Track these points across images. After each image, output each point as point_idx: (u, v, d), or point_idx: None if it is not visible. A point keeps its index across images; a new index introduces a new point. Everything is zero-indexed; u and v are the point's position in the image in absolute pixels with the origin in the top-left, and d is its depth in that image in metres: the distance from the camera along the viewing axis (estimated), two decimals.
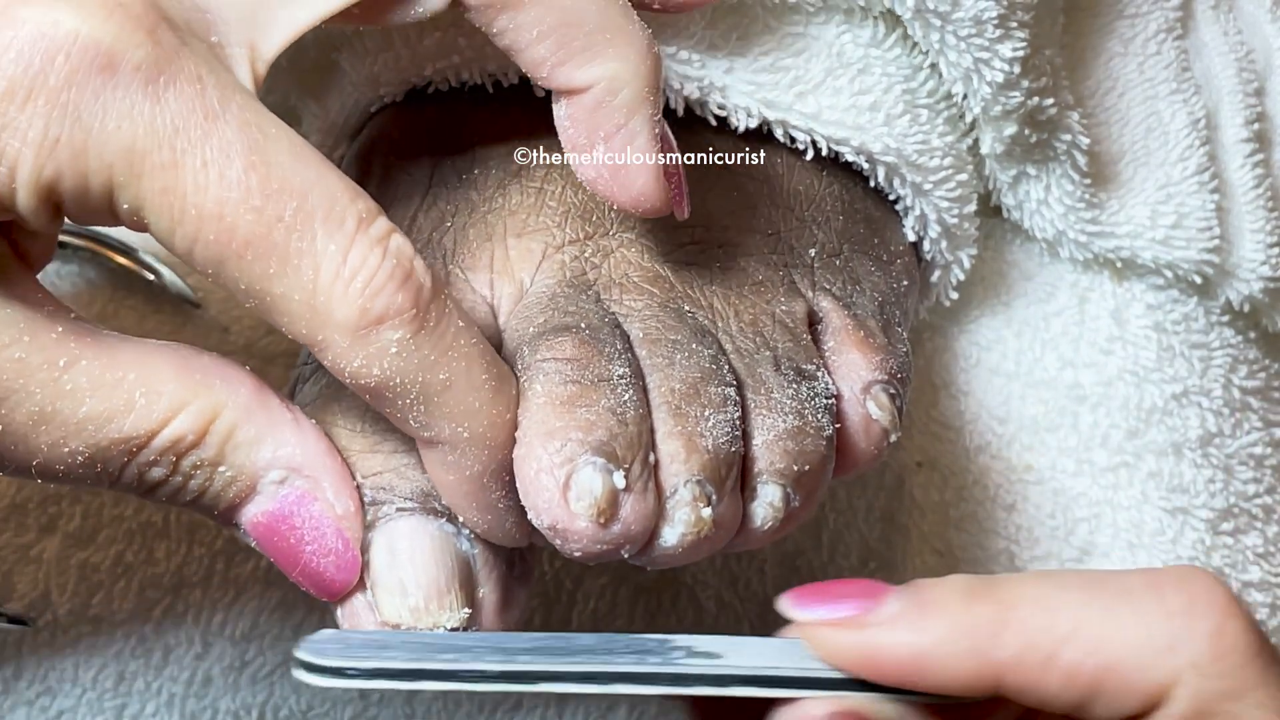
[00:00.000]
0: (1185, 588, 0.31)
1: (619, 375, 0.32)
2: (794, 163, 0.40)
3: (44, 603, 0.42)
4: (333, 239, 0.28)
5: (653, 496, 0.31)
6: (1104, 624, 0.30)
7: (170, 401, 0.30)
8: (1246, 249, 0.47)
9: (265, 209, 0.28)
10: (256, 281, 0.28)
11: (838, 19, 0.40)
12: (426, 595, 0.32)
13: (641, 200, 0.33)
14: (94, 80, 0.27)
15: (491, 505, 0.32)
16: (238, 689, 0.43)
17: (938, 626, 0.31)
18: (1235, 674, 0.30)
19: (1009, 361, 0.46)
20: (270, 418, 0.32)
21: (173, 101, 0.28)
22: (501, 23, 0.32)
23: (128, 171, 0.28)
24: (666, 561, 0.32)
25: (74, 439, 0.30)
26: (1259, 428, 0.47)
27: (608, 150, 0.32)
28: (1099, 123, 0.47)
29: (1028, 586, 0.31)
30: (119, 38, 0.27)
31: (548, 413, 0.31)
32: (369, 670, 0.31)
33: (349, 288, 0.28)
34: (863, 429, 0.35)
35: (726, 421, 0.32)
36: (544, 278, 0.35)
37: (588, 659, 0.31)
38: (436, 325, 0.29)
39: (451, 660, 0.31)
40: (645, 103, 0.32)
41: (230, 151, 0.28)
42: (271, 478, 0.32)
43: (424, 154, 0.39)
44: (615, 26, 0.32)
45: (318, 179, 0.29)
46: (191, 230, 0.28)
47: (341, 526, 0.32)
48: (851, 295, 0.38)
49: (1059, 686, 0.30)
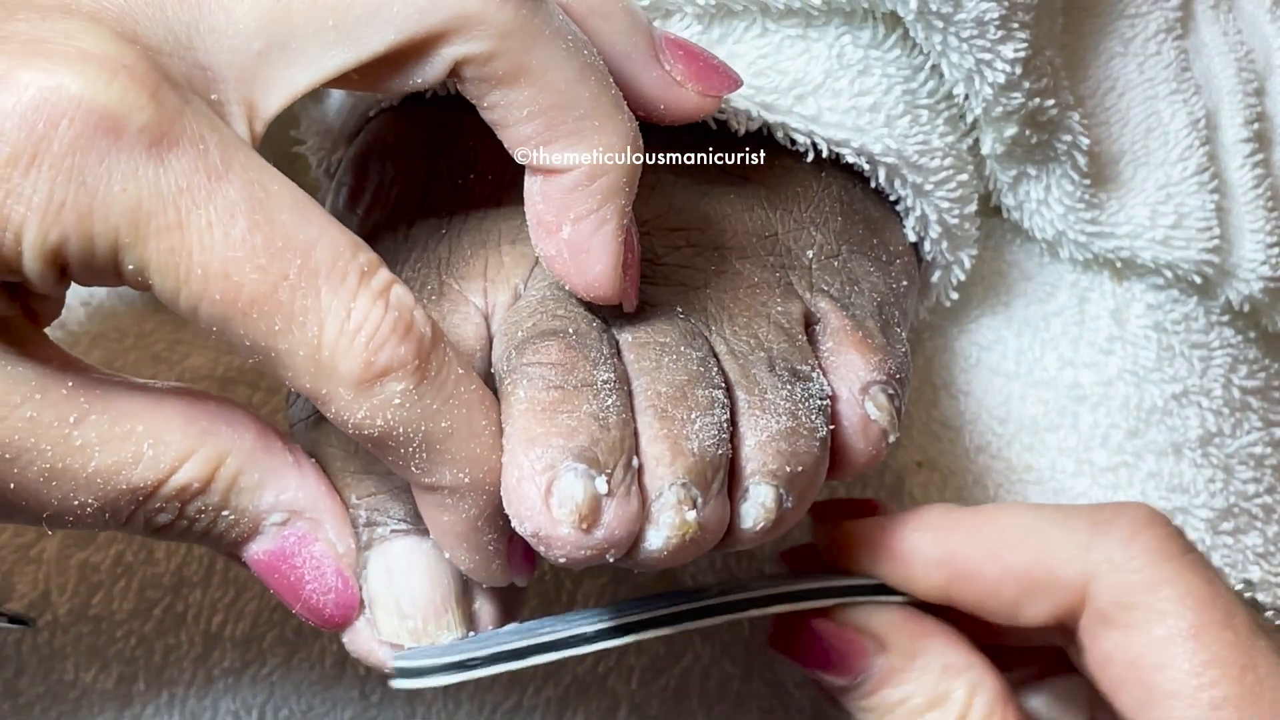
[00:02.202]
0: (1119, 510, 0.35)
1: (603, 380, 0.32)
2: (793, 164, 0.40)
3: (44, 603, 0.42)
4: (336, 294, 0.29)
5: (636, 501, 0.31)
6: (1041, 532, 0.35)
7: (177, 451, 0.31)
8: (1246, 249, 0.47)
9: (270, 267, 0.28)
10: (261, 339, 0.29)
11: (837, 21, 0.40)
12: (424, 615, 0.33)
13: (595, 287, 0.33)
14: (99, 144, 0.27)
15: (482, 547, 0.32)
16: (238, 689, 0.44)
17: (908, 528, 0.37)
18: (1148, 570, 0.34)
19: (1009, 361, 0.46)
20: (273, 462, 0.32)
21: (176, 163, 0.28)
22: (493, 98, 0.32)
23: (133, 233, 0.28)
24: (653, 565, 0.32)
25: (84, 492, 0.30)
26: (1259, 428, 0.47)
27: (574, 232, 0.33)
28: (1099, 123, 0.47)
29: (989, 510, 0.37)
30: (123, 101, 0.27)
31: (530, 419, 0.31)
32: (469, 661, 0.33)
33: (353, 342, 0.29)
34: (861, 430, 0.35)
35: (713, 424, 0.32)
36: (537, 283, 0.35)
37: (654, 606, 0.35)
38: (438, 374, 0.30)
39: (549, 632, 0.33)
40: (621, 193, 0.32)
41: (235, 211, 0.28)
42: (274, 520, 0.33)
43: (421, 159, 0.39)
44: (605, 114, 0.32)
45: (320, 234, 0.29)
46: (197, 290, 0.28)
47: (341, 565, 0.33)
48: (850, 296, 0.38)
49: (993, 582, 0.35)
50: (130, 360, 0.44)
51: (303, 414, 0.35)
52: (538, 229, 0.33)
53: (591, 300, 0.33)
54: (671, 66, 0.35)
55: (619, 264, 0.33)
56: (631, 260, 0.34)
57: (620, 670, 0.44)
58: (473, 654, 0.33)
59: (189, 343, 0.45)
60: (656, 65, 0.35)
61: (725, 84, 0.35)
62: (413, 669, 0.33)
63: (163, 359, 0.44)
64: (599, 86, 0.32)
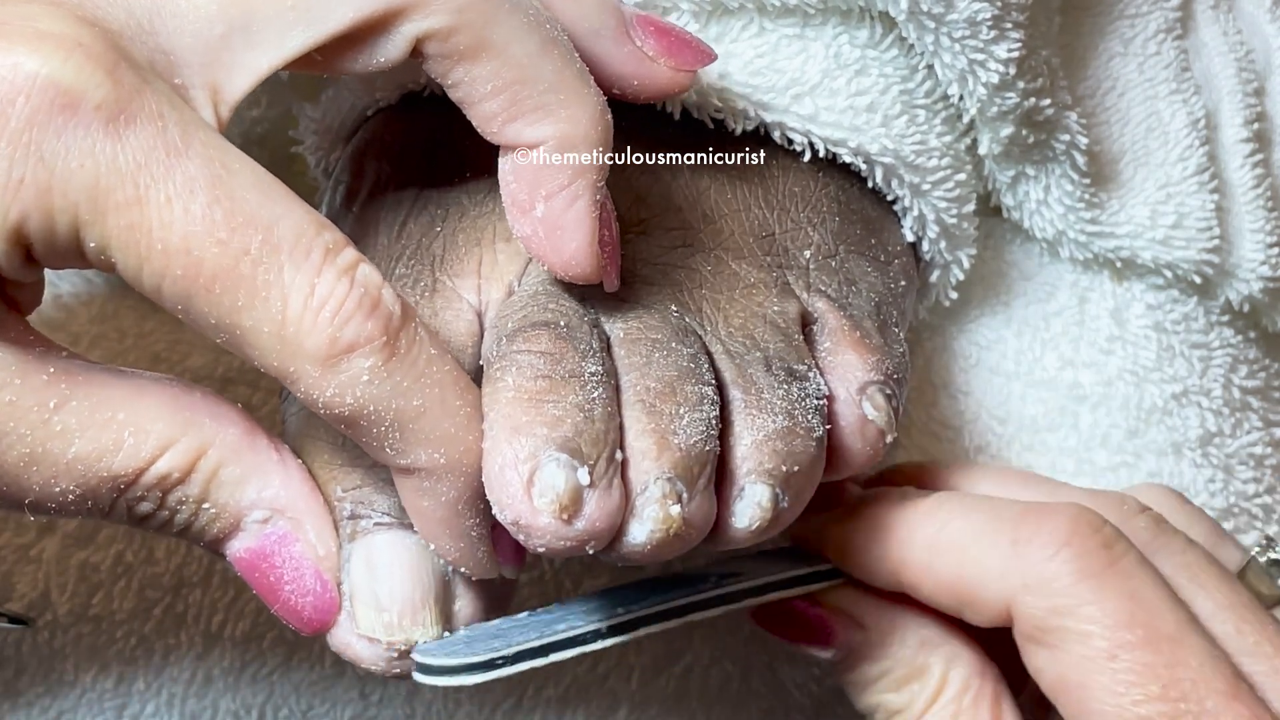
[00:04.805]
0: (1042, 520, 0.34)
1: (591, 372, 0.32)
2: (790, 164, 0.40)
3: (44, 603, 0.42)
4: (300, 270, 0.29)
5: (618, 493, 0.31)
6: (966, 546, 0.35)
7: (158, 439, 0.31)
8: (1246, 249, 0.47)
9: (231, 242, 0.28)
10: (226, 315, 0.29)
11: (834, 20, 0.40)
12: (400, 611, 0.33)
13: (572, 264, 0.33)
14: (55, 120, 0.28)
15: (465, 533, 0.32)
16: (238, 689, 0.44)
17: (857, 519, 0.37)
18: (1065, 593, 0.33)
19: (1009, 361, 0.46)
20: (256, 458, 0.32)
21: (134, 139, 0.28)
22: (457, 75, 0.32)
23: (92, 209, 0.28)
24: (637, 559, 0.32)
25: (64, 478, 0.31)
26: (1259, 428, 0.47)
27: (547, 209, 0.32)
28: (1099, 123, 0.47)
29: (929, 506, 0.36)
30: (78, 78, 0.28)
31: (515, 408, 0.31)
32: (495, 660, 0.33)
33: (318, 317, 0.29)
34: (858, 430, 0.35)
35: (702, 420, 0.32)
36: (530, 279, 0.35)
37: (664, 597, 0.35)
38: (408, 352, 0.30)
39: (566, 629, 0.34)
40: (592, 168, 0.32)
41: (194, 186, 0.28)
42: (255, 516, 0.33)
43: (417, 158, 0.39)
44: (570, 88, 0.32)
45: (284, 211, 0.29)
46: (159, 266, 0.28)
47: (321, 568, 0.33)
48: (847, 296, 0.38)
49: (933, 588, 0.36)
50: (130, 360, 0.44)
51: (293, 406, 0.35)
52: (513, 209, 0.33)
53: (571, 279, 0.33)
54: (643, 42, 0.35)
55: (594, 239, 0.33)
56: (609, 238, 0.34)
57: (620, 670, 0.44)
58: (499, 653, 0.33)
59: (189, 343, 0.45)
60: (627, 41, 0.35)
61: (697, 58, 0.35)
62: (436, 666, 0.33)
63: (163, 359, 0.45)
64: (562, 61, 0.32)
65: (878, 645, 0.37)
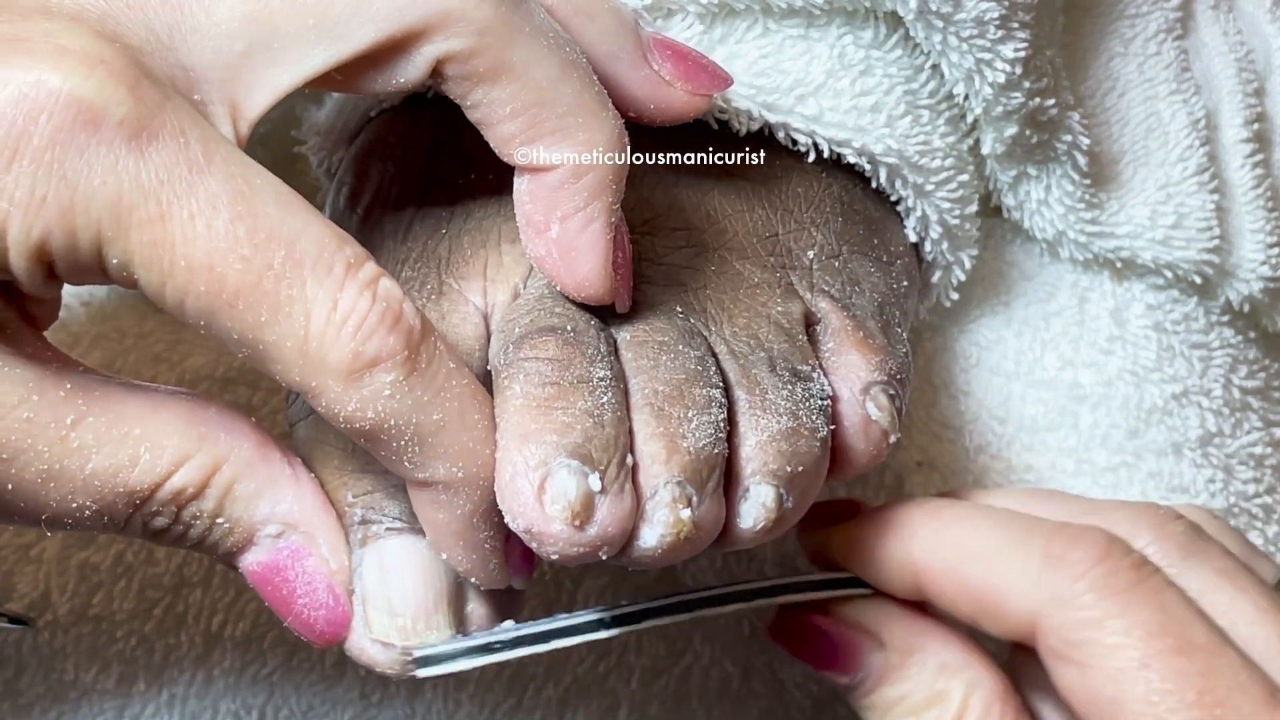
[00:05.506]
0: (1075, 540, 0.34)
1: (599, 377, 0.32)
2: (793, 164, 0.40)
3: (44, 603, 0.42)
4: (322, 285, 0.29)
5: (630, 498, 0.31)
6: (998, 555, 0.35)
7: (173, 455, 0.31)
8: (1246, 249, 0.47)
9: (254, 258, 0.28)
10: (249, 331, 0.29)
11: (839, 21, 0.40)
12: (414, 614, 0.33)
13: (586, 286, 0.33)
14: (78, 137, 0.28)
15: (478, 545, 0.32)
16: (238, 689, 0.44)
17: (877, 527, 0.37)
18: (1095, 606, 0.33)
19: (1009, 361, 0.46)
20: (270, 473, 0.32)
21: (157, 155, 0.28)
22: (476, 96, 0.32)
23: (115, 226, 0.28)
24: (648, 563, 0.32)
25: (81, 494, 0.30)
26: (1259, 428, 0.47)
27: (562, 231, 0.33)
28: (1099, 123, 0.47)
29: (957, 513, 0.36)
30: (101, 94, 0.28)
31: (524, 415, 0.31)
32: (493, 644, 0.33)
33: (340, 332, 0.29)
34: (862, 430, 0.35)
35: (710, 423, 0.32)
36: (537, 282, 0.35)
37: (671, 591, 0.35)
38: (429, 367, 0.30)
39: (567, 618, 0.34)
40: (608, 190, 0.32)
41: (216, 203, 0.28)
42: (268, 531, 0.33)
43: (421, 159, 0.39)
44: (589, 111, 0.32)
45: (304, 226, 0.29)
46: (182, 283, 0.28)
47: (334, 582, 0.33)
48: (850, 296, 0.38)
49: (954, 596, 0.35)
50: (130, 360, 0.44)
51: (302, 413, 0.35)
52: (527, 229, 0.33)
53: (584, 300, 0.34)
54: (660, 66, 0.35)
55: (608, 262, 0.33)
56: (622, 260, 0.34)
57: (620, 670, 0.44)
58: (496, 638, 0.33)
59: (189, 343, 0.45)
60: (645, 65, 0.35)
61: (714, 83, 0.35)
62: (434, 656, 0.33)
63: (163, 359, 0.44)
64: (581, 84, 0.32)
65: (897, 669, 0.37)
